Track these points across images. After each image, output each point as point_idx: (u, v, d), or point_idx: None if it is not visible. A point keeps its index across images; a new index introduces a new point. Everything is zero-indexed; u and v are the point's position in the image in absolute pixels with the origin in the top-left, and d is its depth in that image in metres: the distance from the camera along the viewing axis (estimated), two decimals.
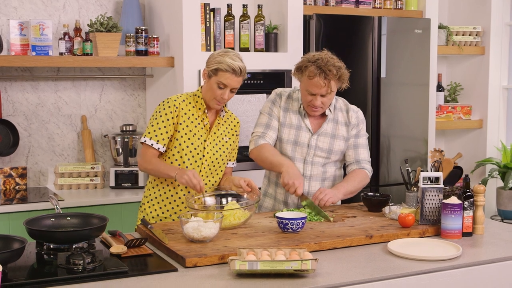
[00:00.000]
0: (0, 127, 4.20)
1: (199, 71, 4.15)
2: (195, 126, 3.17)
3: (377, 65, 4.64)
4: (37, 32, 4.03)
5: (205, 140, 3.19)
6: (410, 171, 3.20)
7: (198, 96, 3.19)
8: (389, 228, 2.85)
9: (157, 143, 3.12)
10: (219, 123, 3.24)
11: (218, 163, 3.23)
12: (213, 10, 4.33)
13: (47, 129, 4.43)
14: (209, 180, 3.23)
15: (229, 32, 4.38)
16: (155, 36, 4.33)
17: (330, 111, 3.30)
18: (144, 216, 3.24)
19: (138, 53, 4.33)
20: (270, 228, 2.85)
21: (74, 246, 2.44)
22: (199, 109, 3.19)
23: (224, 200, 3.06)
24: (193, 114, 3.18)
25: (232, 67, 3.05)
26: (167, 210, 3.20)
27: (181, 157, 3.15)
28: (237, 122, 3.35)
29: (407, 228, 2.83)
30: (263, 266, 2.25)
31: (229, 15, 4.39)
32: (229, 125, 3.31)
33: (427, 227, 2.86)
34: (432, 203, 2.89)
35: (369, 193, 3.32)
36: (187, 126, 3.15)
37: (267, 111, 3.35)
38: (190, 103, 3.19)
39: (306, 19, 4.48)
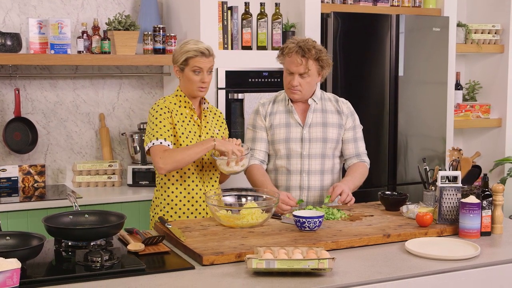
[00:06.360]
0: (19, 125, 4.23)
1: (217, 69, 4.15)
2: (187, 124, 3.19)
3: (395, 63, 4.61)
4: (56, 31, 4.06)
5: (200, 136, 3.20)
6: (428, 170, 3.18)
7: (181, 95, 3.21)
8: (406, 227, 2.83)
9: (165, 140, 3.08)
10: (206, 116, 3.26)
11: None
12: (230, 8, 4.33)
13: (66, 127, 4.45)
14: (213, 174, 3.25)
15: (246, 30, 4.38)
16: (173, 35, 4.34)
17: (314, 101, 3.32)
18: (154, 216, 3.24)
19: (156, 51, 4.35)
20: (287, 226, 2.84)
21: (92, 244, 2.45)
22: (185, 107, 3.20)
23: (243, 199, 3.06)
24: (182, 114, 3.19)
25: (200, 50, 3.13)
26: (183, 213, 3.19)
27: None
28: (221, 113, 3.40)
29: (425, 227, 2.82)
30: (280, 265, 2.25)
31: (247, 13, 4.39)
32: (214, 116, 3.33)
33: (445, 227, 2.84)
34: (450, 202, 2.87)
35: (387, 192, 3.31)
36: (181, 126, 3.16)
37: (251, 123, 3.40)
38: (175, 103, 3.20)
39: (324, 17, 4.47)
